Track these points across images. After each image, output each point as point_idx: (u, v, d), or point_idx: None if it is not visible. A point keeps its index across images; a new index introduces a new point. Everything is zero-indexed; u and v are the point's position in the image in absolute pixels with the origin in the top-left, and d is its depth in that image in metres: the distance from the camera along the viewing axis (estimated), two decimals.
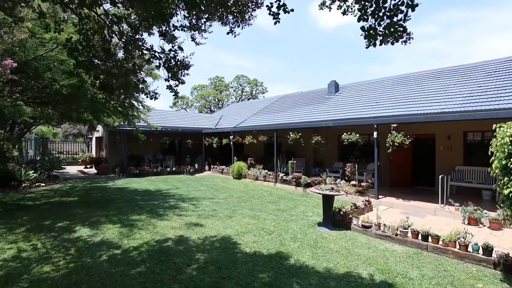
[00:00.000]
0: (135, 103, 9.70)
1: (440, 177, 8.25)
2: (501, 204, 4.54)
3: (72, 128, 32.19)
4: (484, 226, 7.03)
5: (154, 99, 6.02)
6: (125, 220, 6.68)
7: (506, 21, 49.05)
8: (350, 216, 6.57)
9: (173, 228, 6.21)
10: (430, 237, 5.35)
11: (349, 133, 10.24)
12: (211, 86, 46.19)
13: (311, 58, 67.81)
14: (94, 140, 22.27)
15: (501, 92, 8.97)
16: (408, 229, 5.62)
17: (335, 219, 6.68)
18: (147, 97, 5.77)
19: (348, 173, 10.58)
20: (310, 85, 68.82)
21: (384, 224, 5.90)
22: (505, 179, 4.09)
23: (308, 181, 11.36)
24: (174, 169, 17.20)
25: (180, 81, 4.73)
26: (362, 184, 9.84)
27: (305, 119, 13.68)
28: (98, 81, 4.22)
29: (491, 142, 4.67)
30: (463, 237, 5.00)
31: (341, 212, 6.72)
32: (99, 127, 19.29)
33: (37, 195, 9.60)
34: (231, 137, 15.63)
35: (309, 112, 14.68)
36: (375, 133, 9.32)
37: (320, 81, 71.44)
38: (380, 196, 9.53)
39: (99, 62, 4.08)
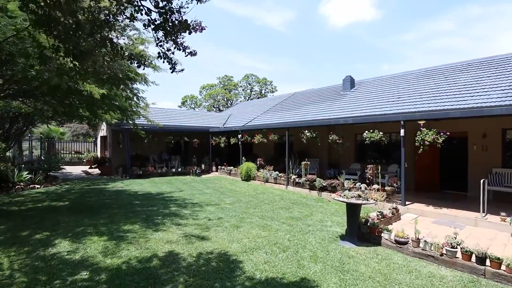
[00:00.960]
0: (132, 96, 8.83)
1: (481, 181, 7.06)
2: None
3: (80, 128, 31.93)
4: None
5: (172, 70, 3.79)
6: (114, 231, 5.78)
7: None
8: (380, 228, 5.50)
9: (168, 242, 5.27)
10: (488, 260, 4.24)
11: (371, 131, 9.12)
12: (219, 85, 45.45)
13: (322, 58, 66.41)
14: (99, 139, 21.70)
15: None
16: (457, 248, 4.52)
17: (361, 231, 5.62)
18: (163, 60, 3.70)
19: (369, 176, 9.46)
20: (321, 85, 67.40)
21: (425, 241, 4.81)
22: None
23: (324, 184, 10.29)
24: (179, 169, 16.36)
25: (182, 48, 3.55)
26: (386, 188, 8.72)
27: (319, 117, 12.61)
28: (58, 42, 3.18)
29: None
30: None
31: (369, 224, 5.66)
32: (103, 126, 18.64)
33: (26, 198, 8.85)
34: (239, 136, 14.67)
35: (323, 110, 13.59)
36: (402, 131, 8.18)
37: (332, 80, 69.94)
38: (407, 202, 8.39)
39: (60, 15, 3.08)
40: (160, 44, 3.43)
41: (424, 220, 7.39)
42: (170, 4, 3.11)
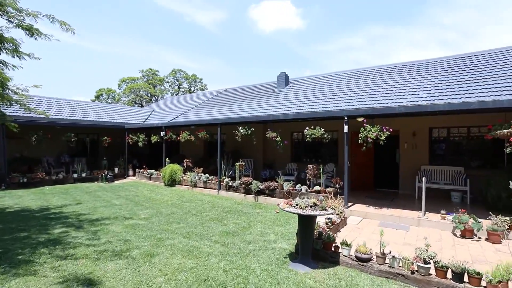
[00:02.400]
0: None
1: (424, 179, 6.82)
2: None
3: None
4: (480, 238, 5.72)
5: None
6: None
7: (418, 38, 55.67)
8: (337, 244, 4.44)
9: None
10: (467, 275, 3.52)
11: (312, 127, 8.31)
12: (143, 79, 40.93)
13: (251, 61, 66.82)
14: None
15: (464, 86, 8.15)
16: (430, 262, 3.72)
17: (314, 247, 4.47)
18: None
19: (309, 176, 8.66)
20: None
21: (392, 257, 3.90)
22: None
23: (261, 187, 9.11)
24: (84, 175, 13.13)
25: None
26: (328, 190, 7.99)
27: (254, 113, 11.46)
28: None
29: None
30: None
31: (323, 237, 4.56)
32: None
33: None
34: (162, 133, 12.45)
35: (258, 106, 12.53)
36: (345, 127, 7.54)
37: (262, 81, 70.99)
38: (349, 204, 7.80)
39: None
40: None
41: (370, 223, 6.81)
42: None
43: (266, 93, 14.49)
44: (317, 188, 8.32)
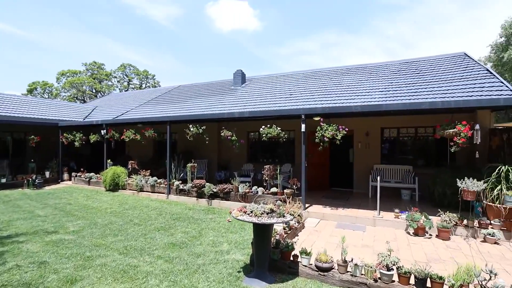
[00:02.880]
0: None
1: (378, 179, 6.83)
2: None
3: None
4: (431, 236, 5.84)
5: None
6: None
7: (366, 45, 59.80)
8: (297, 252, 4.03)
9: None
10: (429, 280, 3.33)
11: (268, 126, 7.91)
12: (86, 73, 37.19)
13: (208, 60, 65.33)
14: None
15: (413, 88, 8.51)
16: (393, 269, 3.47)
17: (271, 258, 3.99)
18: None
19: (266, 178, 8.24)
20: None
21: (355, 264, 3.59)
22: None
23: (215, 190, 8.46)
24: (4, 180, 11.08)
25: None
26: (285, 191, 7.65)
27: (208, 111, 10.76)
28: None
29: None
30: (477, 275, 3.17)
31: (280, 246, 4.11)
32: None
33: None
34: (103, 132, 11.05)
35: (213, 104, 11.83)
36: (303, 126, 7.27)
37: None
38: (306, 205, 7.55)
39: None
40: None
41: (327, 224, 6.61)
42: None
43: (222, 90, 13.84)
44: (274, 189, 7.93)
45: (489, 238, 5.37)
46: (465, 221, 5.82)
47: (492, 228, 5.59)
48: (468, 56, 10.22)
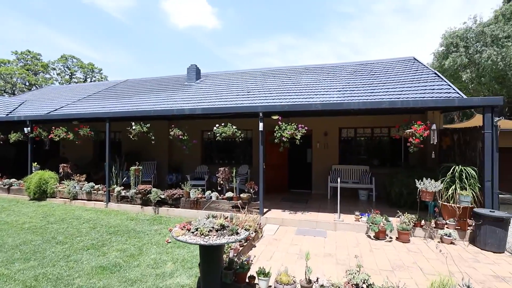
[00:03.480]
0: None
1: (339, 180, 6.54)
2: None
3: None
4: (391, 238, 5.67)
5: None
6: None
7: (321, 50, 62.27)
8: (253, 273, 3.38)
9: None
10: None
11: (223, 124, 7.19)
12: (17, 63, 32.50)
13: (162, 56, 62.11)
14: None
15: (369, 88, 8.51)
16: (363, 287, 3.01)
17: (222, 281, 3.30)
18: None
19: (221, 181, 7.51)
20: None
21: (321, 286, 3.06)
22: None
23: (162, 196, 7.50)
24: None
25: None
26: (241, 196, 7.00)
27: (157, 107, 9.68)
28: None
29: None
30: None
31: (234, 267, 3.43)
32: None
33: None
34: (26, 130, 9.28)
35: (163, 100, 10.72)
36: (260, 125, 6.70)
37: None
38: (264, 210, 7.00)
39: None
40: None
41: (287, 231, 6.11)
42: None
43: (174, 86, 12.74)
44: (229, 194, 7.24)
45: (446, 238, 5.34)
46: (422, 222, 5.77)
47: (447, 228, 5.58)
48: (417, 61, 10.64)
